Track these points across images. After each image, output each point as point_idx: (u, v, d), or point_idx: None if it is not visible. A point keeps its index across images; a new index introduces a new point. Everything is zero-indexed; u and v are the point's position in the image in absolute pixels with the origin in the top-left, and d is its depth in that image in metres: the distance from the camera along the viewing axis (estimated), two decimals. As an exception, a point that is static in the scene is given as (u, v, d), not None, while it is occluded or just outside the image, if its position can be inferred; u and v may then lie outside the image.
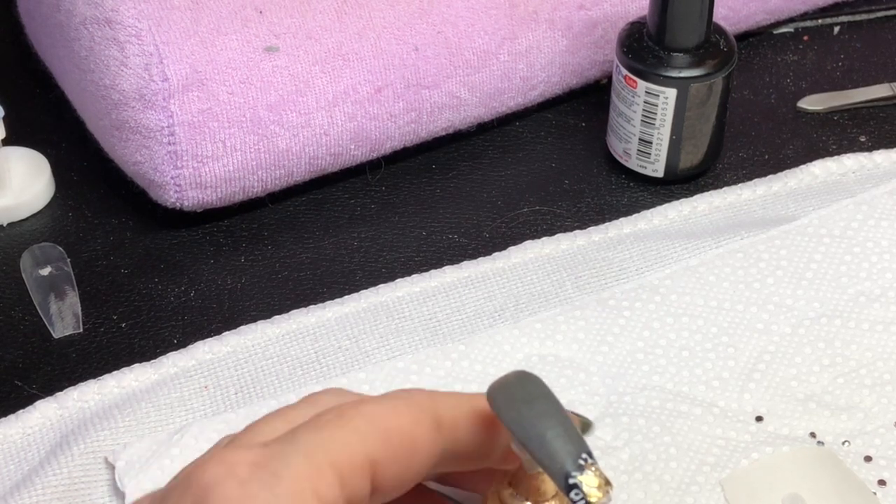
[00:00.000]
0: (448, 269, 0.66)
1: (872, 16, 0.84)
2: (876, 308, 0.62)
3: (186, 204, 0.68)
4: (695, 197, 0.70)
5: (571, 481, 0.42)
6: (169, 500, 0.41)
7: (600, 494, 0.42)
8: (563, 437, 0.42)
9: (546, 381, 0.59)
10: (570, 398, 0.59)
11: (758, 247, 0.65)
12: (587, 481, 0.42)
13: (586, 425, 0.51)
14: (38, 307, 0.66)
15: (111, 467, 0.57)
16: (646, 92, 0.69)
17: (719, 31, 0.70)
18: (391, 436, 0.43)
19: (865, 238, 0.65)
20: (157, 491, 0.43)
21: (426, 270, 0.67)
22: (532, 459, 0.43)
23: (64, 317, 0.65)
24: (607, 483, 0.42)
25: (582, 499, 0.41)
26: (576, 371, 0.60)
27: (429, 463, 0.44)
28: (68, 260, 0.68)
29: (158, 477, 0.55)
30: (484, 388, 0.59)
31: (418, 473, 0.44)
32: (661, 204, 0.70)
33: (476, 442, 0.45)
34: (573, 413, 0.50)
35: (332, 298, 0.65)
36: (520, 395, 0.44)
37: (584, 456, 0.42)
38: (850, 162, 0.72)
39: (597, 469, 0.42)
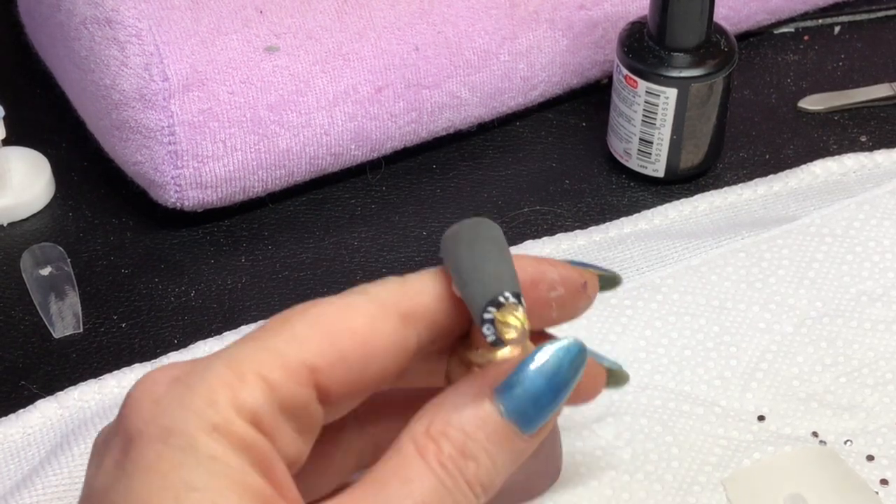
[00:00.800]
0: (448, 269, 0.66)
1: (873, 15, 0.84)
2: (878, 308, 0.62)
3: (187, 204, 0.68)
4: (695, 197, 0.70)
5: (487, 316, 0.40)
6: (110, 428, 0.40)
7: (514, 335, 0.39)
8: (493, 274, 0.40)
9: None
10: (572, 397, 0.59)
11: (760, 246, 0.65)
12: (502, 318, 0.39)
13: (620, 376, 0.49)
14: (38, 307, 0.66)
15: (111, 468, 0.57)
16: (646, 92, 0.69)
17: (720, 30, 0.70)
18: (339, 338, 0.40)
19: (867, 238, 0.65)
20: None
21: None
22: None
23: (64, 317, 0.65)
24: (524, 323, 0.40)
25: (493, 334, 0.39)
26: (578, 370, 0.60)
27: (399, 360, 0.41)
28: (68, 260, 0.68)
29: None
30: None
31: (385, 372, 0.41)
32: (661, 204, 0.70)
33: (456, 316, 0.42)
34: (609, 364, 0.48)
35: (332, 298, 0.65)
36: (468, 236, 0.42)
37: (507, 294, 0.40)
38: (851, 162, 0.72)
39: (520, 312, 0.40)
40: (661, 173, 0.72)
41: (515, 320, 0.40)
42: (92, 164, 0.73)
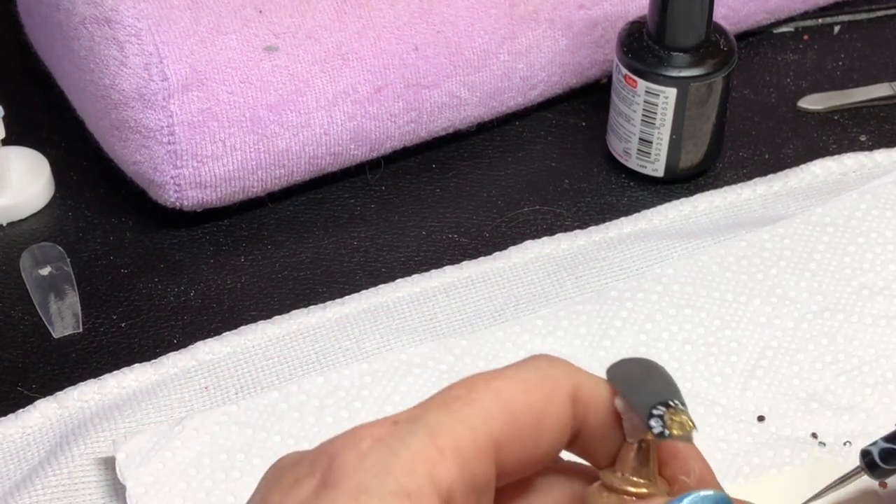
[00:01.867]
0: (448, 269, 0.66)
1: (872, 15, 0.84)
2: (879, 301, 0.62)
3: (186, 204, 0.68)
4: (695, 196, 0.70)
5: (656, 412, 0.40)
6: (302, 464, 0.41)
7: (679, 433, 0.40)
8: (662, 386, 0.41)
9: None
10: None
11: (761, 236, 0.65)
12: (671, 416, 0.40)
13: None
14: (37, 307, 0.66)
15: (111, 469, 0.57)
16: (646, 91, 0.69)
17: (719, 30, 0.70)
18: (518, 415, 0.40)
19: (869, 228, 0.65)
20: (298, 454, 0.42)
21: (426, 270, 0.66)
22: (629, 420, 0.42)
23: (64, 316, 0.65)
24: (693, 426, 0.40)
25: (662, 427, 0.40)
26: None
27: (559, 442, 0.42)
28: (68, 260, 0.68)
29: (160, 470, 0.55)
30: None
31: (546, 454, 0.42)
32: (661, 203, 0.70)
33: (602, 430, 0.43)
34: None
35: (332, 298, 0.65)
36: (641, 363, 0.43)
37: (675, 402, 0.41)
38: (851, 161, 0.72)
39: (688, 417, 0.40)
40: (660, 173, 0.72)
41: (685, 420, 0.40)
42: (91, 163, 0.73)
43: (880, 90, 0.78)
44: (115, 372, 0.61)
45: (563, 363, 0.42)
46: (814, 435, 0.58)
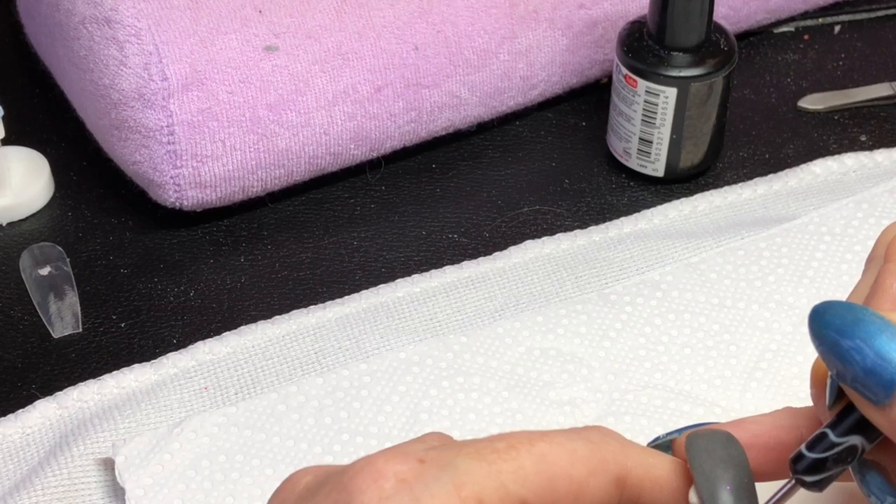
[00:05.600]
0: (448, 268, 0.66)
1: (873, 15, 0.84)
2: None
3: (186, 203, 0.68)
4: (695, 196, 0.70)
5: None
6: (319, 494, 0.40)
7: None
8: (733, 476, 0.41)
9: (548, 375, 0.59)
10: (573, 395, 0.59)
11: (759, 244, 0.65)
12: None
13: None
14: (37, 307, 0.66)
15: (111, 469, 0.57)
16: (646, 91, 0.69)
17: (720, 30, 0.70)
18: (557, 482, 0.40)
19: (866, 237, 0.65)
20: (314, 478, 0.41)
21: (426, 270, 0.66)
22: None
23: (63, 316, 0.65)
24: None
25: None
26: (578, 366, 0.60)
27: None
28: (67, 260, 0.68)
29: (159, 472, 0.55)
30: (485, 381, 0.59)
31: None
32: (661, 203, 0.70)
33: None
34: None
35: (332, 298, 0.65)
36: (719, 451, 0.42)
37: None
38: (851, 161, 0.72)
39: None
40: (660, 173, 0.72)
41: None
42: (91, 163, 0.73)
43: (880, 90, 0.78)
44: (114, 372, 0.61)
45: (617, 440, 0.42)
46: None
